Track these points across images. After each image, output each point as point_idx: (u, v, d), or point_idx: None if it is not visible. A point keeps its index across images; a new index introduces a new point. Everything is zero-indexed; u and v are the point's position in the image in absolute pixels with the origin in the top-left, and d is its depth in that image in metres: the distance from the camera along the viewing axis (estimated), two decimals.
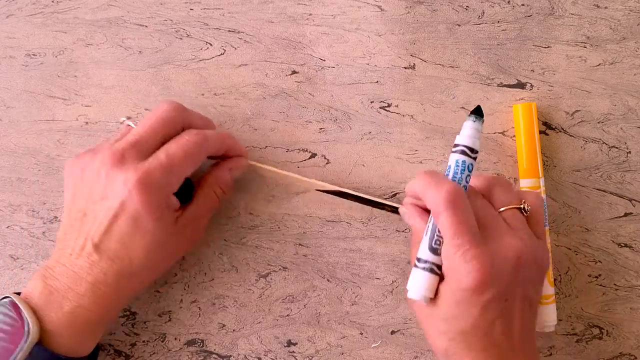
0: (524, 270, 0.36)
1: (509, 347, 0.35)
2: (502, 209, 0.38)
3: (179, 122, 0.40)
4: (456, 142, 0.37)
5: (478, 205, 0.37)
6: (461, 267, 0.34)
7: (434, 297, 0.36)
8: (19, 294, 0.37)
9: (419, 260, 0.37)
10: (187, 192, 0.41)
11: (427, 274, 0.36)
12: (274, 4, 0.46)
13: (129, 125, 0.41)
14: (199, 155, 0.39)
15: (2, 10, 0.47)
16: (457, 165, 0.37)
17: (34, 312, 0.36)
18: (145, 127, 0.39)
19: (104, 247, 0.37)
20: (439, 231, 0.36)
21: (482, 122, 0.37)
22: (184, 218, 0.39)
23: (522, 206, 0.38)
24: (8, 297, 0.36)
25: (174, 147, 0.38)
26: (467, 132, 0.37)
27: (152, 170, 0.37)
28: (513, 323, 0.36)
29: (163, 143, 0.39)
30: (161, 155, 0.38)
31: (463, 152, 0.37)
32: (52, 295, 0.36)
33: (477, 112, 0.37)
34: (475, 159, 0.37)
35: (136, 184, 0.36)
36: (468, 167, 0.37)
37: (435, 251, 0.36)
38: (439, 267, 0.36)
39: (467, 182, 0.37)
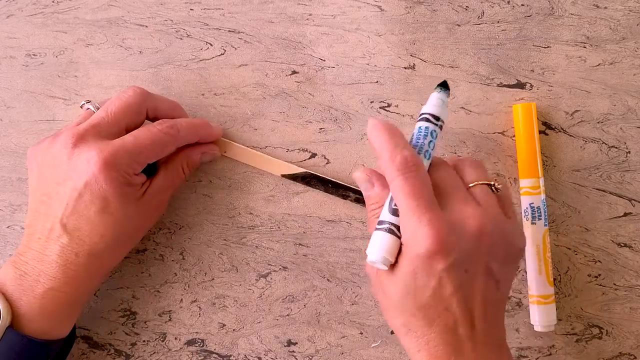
0: (488, 243, 0.34)
1: (469, 324, 0.33)
2: (471, 185, 0.36)
3: (144, 108, 0.40)
4: (421, 112, 0.38)
5: (443, 174, 0.36)
6: (417, 232, 0.33)
7: (394, 266, 0.34)
8: None
9: (379, 223, 0.35)
10: (150, 166, 0.41)
11: (387, 235, 0.34)
12: (274, 4, 0.46)
13: (89, 109, 0.41)
14: (168, 147, 0.40)
15: (3, 10, 0.47)
16: (420, 131, 0.37)
17: (6, 297, 0.36)
18: (107, 111, 0.39)
19: (72, 227, 0.37)
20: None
21: (448, 94, 0.38)
22: (150, 191, 0.40)
23: (492, 183, 0.37)
24: None
25: (143, 134, 0.38)
26: (431, 102, 0.38)
27: (116, 150, 0.37)
28: (474, 298, 0.34)
29: (126, 129, 0.39)
30: (129, 138, 0.38)
31: (426, 119, 0.37)
32: (23, 280, 0.37)
33: (443, 85, 0.38)
34: (441, 127, 0.37)
35: (99, 163, 0.36)
36: (431, 133, 0.37)
37: (395, 212, 0.35)
38: (399, 230, 0.34)
39: (430, 147, 0.36)
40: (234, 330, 0.44)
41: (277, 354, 0.44)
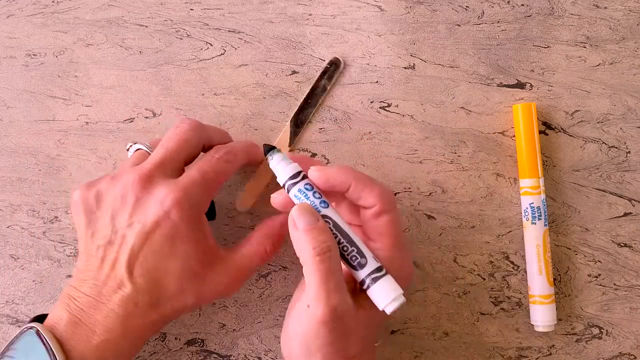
0: None
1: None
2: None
3: (201, 142, 0.40)
4: (282, 183, 0.36)
5: (395, 227, 0.36)
6: (401, 268, 0.36)
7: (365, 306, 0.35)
8: (42, 318, 0.36)
9: (376, 271, 0.34)
10: (209, 210, 0.40)
11: (387, 278, 0.34)
12: (274, 4, 0.46)
13: (140, 149, 0.40)
14: (229, 173, 0.39)
15: (3, 10, 0.47)
16: (299, 197, 0.35)
17: (60, 343, 0.34)
18: (167, 149, 0.38)
19: (135, 275, 0.35)
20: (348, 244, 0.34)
21: (277, 150, 0.37)
22: (224, 264, 0.38)
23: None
24: (33, 327, 0.35)
25: (206, 167, 0.38)
26: (280, 169, 0.36)
27: (188, 187, 0.36)
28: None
29: (186, 162, 0.39)
30: (194, 173, 0.37)
31: (293, 184, 0.35)
32: (78, 328, 0.35)
33: (269, 149, 0.37)
34: (304, 177, 0.36)
35: (174, 201, 0.35)
36: (305, 189, 0.35)
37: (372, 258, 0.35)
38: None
39: (317, 199, 0.35)
40: (234, 330, 0.44)
41: (277, 354, 0.44)
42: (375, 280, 0.34)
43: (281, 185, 0.36)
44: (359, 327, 0.34)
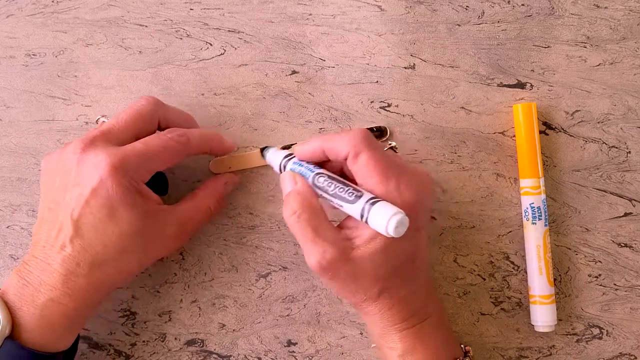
0: (432, 193, 0.40)
1: (428, 270, 0.39)
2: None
3: (155, 117, 0.40)
4: (277, 165, 0.41)
5: (379, 154, 0.37)
6: (396, 198, 0.35)
7: (364, 245, 0.36)
8: None
9: (371, 199, 0.35)
10: (161, 185, 0.41)
11: (385, 202, 0.35)
12: (274, 4, 0.46)
13: (104, 122, 0.41)
14: (178, 155, 0.39)
15: (2, 10, 0.47)
16: (296, 165, 0.39)
17: (8, 306, 0.35)
18: (118, 119, 0.39)
19: (76, 235, 0.36)
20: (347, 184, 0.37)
21: (270, 147, 0.43)
22: (170, 218, 0.39)
23: (392, 144, 0.41)
24: None
25: (153, 141, 0.38)
26: (274, 155, 0.42)
27: (125, 155, 0.36)
28: (425, 245, 0.39)
29: (136, 137, 0.39)
30: (138, 144, 0.38)
31: (287, 161, 0.40)
32: (25, 289, 0.36)
33: (263, 148, 0.43)
34: (293, 156, 0.40)
35: (107, 167, 0.36)
36: (295, 162, 0.39)
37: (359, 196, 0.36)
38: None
39: (306, 165, 0.39)
40: (234, 330, 0.44)
41: (277, 354, 0.44)
42: (372, 204, 0.34)
43: (277, 169, 0.41)
44: (366, 268, 0.36)
